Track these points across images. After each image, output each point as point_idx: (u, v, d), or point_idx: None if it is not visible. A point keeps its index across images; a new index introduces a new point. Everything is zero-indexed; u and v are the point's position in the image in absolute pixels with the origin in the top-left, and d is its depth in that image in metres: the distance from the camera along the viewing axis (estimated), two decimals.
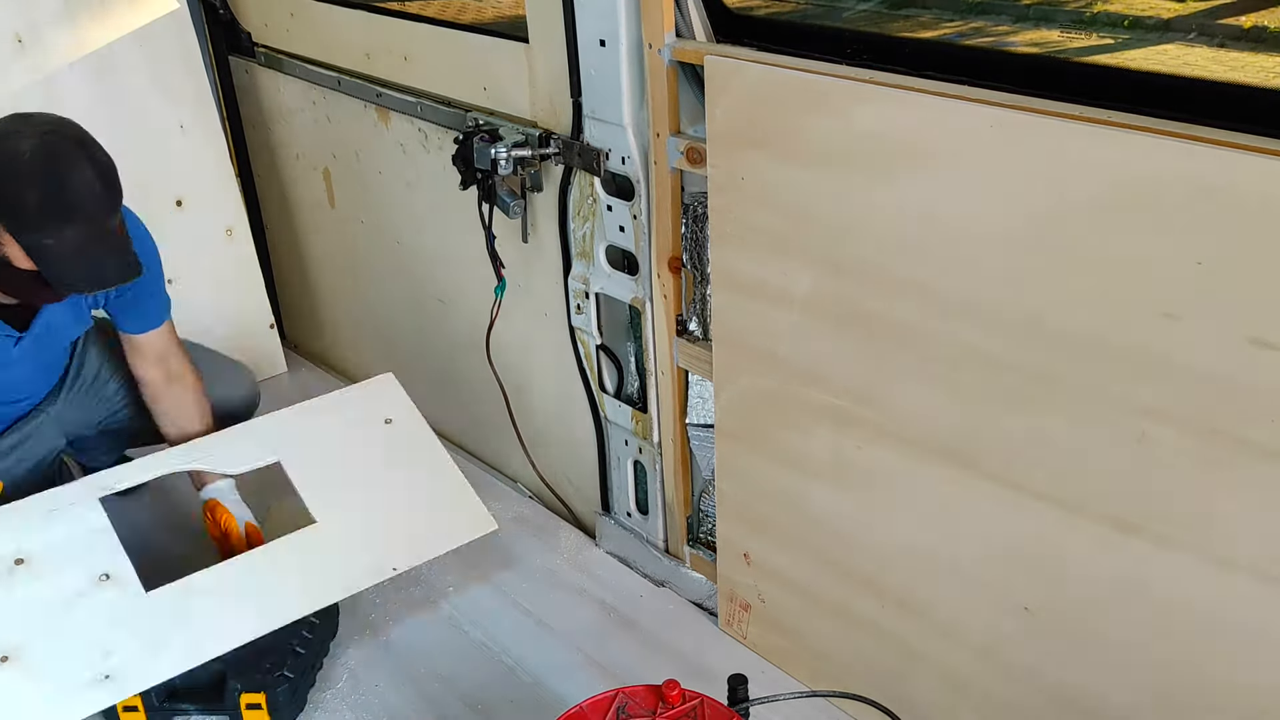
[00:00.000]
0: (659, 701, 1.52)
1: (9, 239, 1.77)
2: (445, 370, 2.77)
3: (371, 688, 2.04)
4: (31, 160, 1.72)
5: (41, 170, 1.73)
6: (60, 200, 1.74)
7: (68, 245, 1.76)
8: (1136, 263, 1.29)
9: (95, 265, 1.81)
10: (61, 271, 1.79)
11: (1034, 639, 1.59)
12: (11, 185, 1.73)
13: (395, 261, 2.78)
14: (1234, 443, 1.27)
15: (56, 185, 1.73)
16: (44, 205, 1.73)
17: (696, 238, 1.91)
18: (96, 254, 1.80)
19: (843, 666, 1.93)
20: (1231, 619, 1.35)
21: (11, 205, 1.73)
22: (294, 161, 3.00)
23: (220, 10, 2.93)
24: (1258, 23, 4.15)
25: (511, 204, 2.16)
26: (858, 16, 4.66)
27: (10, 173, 1.72)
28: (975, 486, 1.57)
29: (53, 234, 1.75)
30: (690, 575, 2.23)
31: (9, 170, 1.72)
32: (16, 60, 2.50)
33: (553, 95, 2.05)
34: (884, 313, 1.59)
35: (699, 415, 2.08)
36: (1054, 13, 4.69)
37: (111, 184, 1.82)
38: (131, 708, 1.91)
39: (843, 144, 1.54)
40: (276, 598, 1.95)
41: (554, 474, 2.54)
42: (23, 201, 1.73)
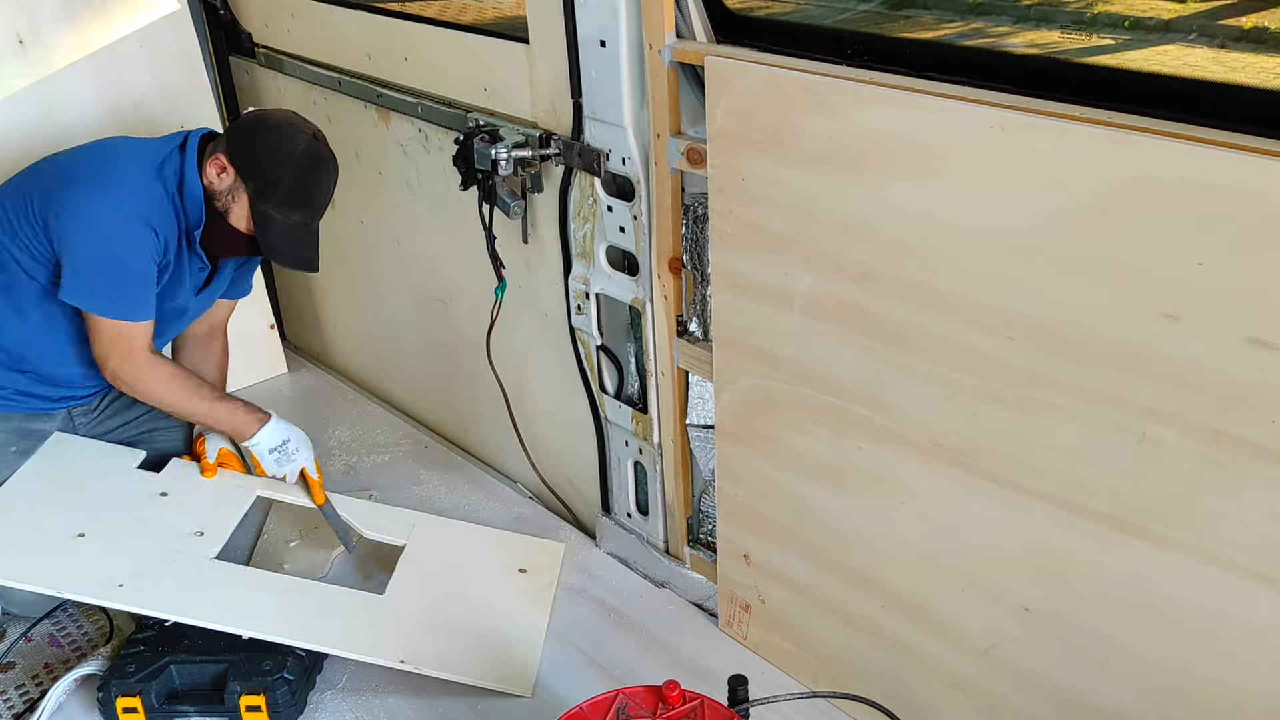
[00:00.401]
0: (659, 702, 1.52)
1: (244, 200, 2.11)
2: (445, 370, 2.77)
3: (371, 688, 2.04)
4: (301, 154, 2.12)
5: (304, 164, 2.12)
6: (304, 191, 2.13)
7: (289, 226, 2.13)
8: (1137, 263, 1.29)
9: (298, 247, 2.17)
10: (275, 242, 2.15)
11: (1034, 639, 1.59)
12: (277, 166, 2.10)
13: (396, 262, 2.78)
14: (1235, 443, 1.27)
15: (308, 179, 2.13)
16: (293, 190, 2.11)
17: (697, 238, 1.91)
18: (302, 239, 2.17)
19: (843, 667, 1.93)
20: (1232, 620, 1.35)
21: (270, 180, 2.10)
22: None
23: (221, 11, 2.93)
24: (1259, 24, 4.14)
25: (512, 204, 2.16)
26: (858, 17, 4.66)
27: (282, 156, 2.10)
28: (976, 487, 1.57)
29: (285, 213, 2.11)
30: (690, 576, 2.22)
31: (282, 155, 2.11)
32: (18, 60, 2.50)
33: (553, 96, 2.05)
34: (885, 313, 1.59)
35: (699, 416, 2.08)
36: (1054, 13, 4.68)
37: (333, 193, 2.20)
38: (131, 709, 1.91)
39: (843, 145, 1.54)
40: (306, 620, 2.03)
41: (554, 475, 2.54)
42: (279, 180, 2.10)
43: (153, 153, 2.16)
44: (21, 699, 2.07)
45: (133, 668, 1.94)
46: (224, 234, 2.16)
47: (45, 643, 2.20)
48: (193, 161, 2.14)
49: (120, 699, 1.91)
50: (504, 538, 2.38)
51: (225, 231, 2.16)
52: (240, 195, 2.11)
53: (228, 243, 2.19)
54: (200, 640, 1.97)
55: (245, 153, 2.11)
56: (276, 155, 2.10)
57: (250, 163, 2.10)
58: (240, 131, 2.15)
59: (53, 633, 2.22)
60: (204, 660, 1.95)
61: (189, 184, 2.13)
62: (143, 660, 1.95)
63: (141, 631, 2.01)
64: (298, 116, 2.21)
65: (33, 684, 2.10)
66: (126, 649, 1.99)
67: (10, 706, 2.06)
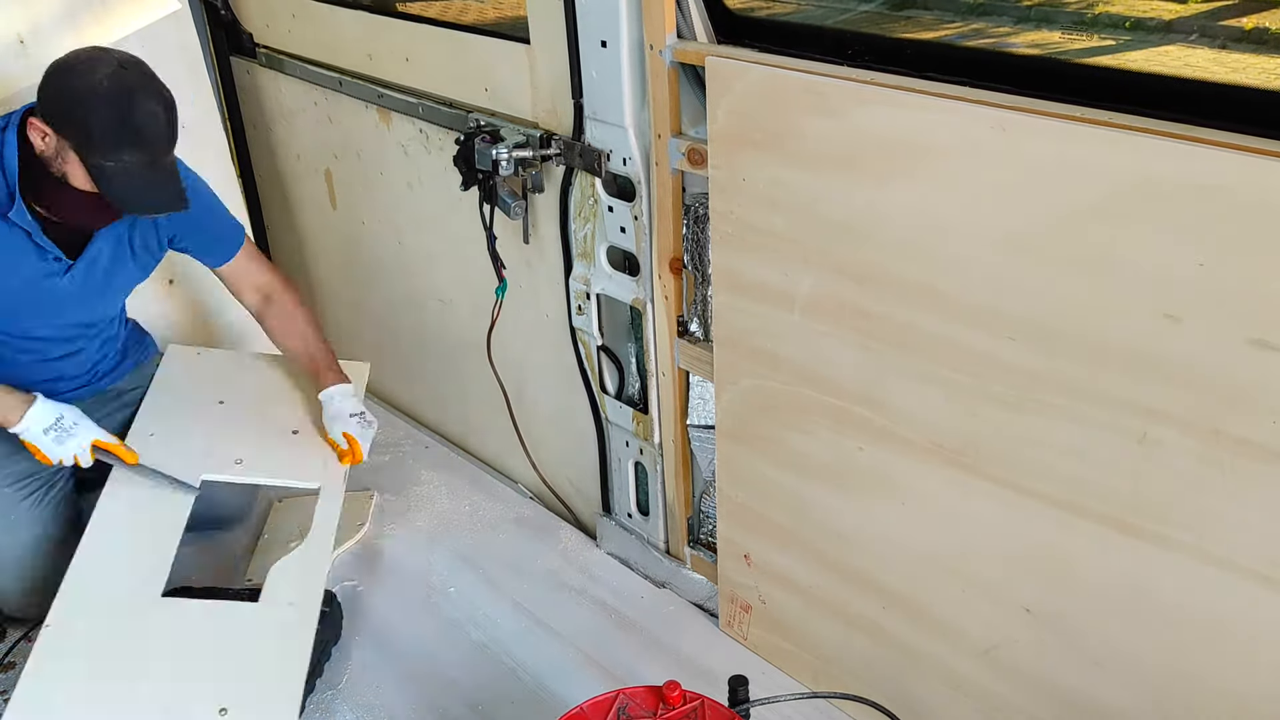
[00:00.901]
0: (660, 702, 1.52)
1: (73, 157, 1.89)
2: (446, 371, 2.77)
3: (373, 688, 2.04)
4: (107, 88, 1.85)
5: (115, 98, 1.86)
6: (127, 127, 1.87)
7: (127, 169, 1.89)
8: (1138, 264, 1.29)
9: (150, 190, 1.94)
10: (119, 192, 1.91)
11: (1035, 640, 1.59)
12: (86, 109, 1.86)
13: (396, 262, 2.78)
14: (1235, 444, 1.27)
15: (126, 113, 1.87)
16: (112, 130, 1.86)
17: (698, 239, 1.91)
18: (153, 180, 1.93)
19: (843, 668, 1.93)
20: (1232, 620, 1.35)
21: (83, 127, 1.86)
22: (295, 162, 3.00)
23: (222, 11, 2.93)
24: (1259, 24, 4.14)
25: (513, 205, 2.16)
26: (859, 17, 4.66)
27: (86, 97, 1.85)
28: (976, 488, 1.57)
29: (115, 157, 1.88)
30: (691, 576, 2.22)
31: (85, 95, 1.86)
32: (19, 60, 2.50)
33: (554, 96, 2.05)
34: (885, 314, 1.59)
35: (700, 416, 2.08)
36: (1055, 14, 4.68)
37: (172, 120, 1.95)
38: None
39: (844, 145, 1.54)
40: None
41: (555, 475, 2.54)
42: (94, 124, 1.86)
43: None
44: None
45: None
46: (72, 199, 1.95)
47: None
48: (12, 136, 1.95)
49: None
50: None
51: (72, 196, 1.94)
52: (68, 153, 1.89)
53: (82, 208, 1.98)
54: None
55: (52, 105, 1.89)
56: (81, 97, 1.86)
57: (60, 114, 1.88)
58: (45, 84, 1.91)
59: None
60: None
61: (5, 154, 1.94)
62: None
63: None
64: (100, 49, 1.97)
65: None
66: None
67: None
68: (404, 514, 2.55)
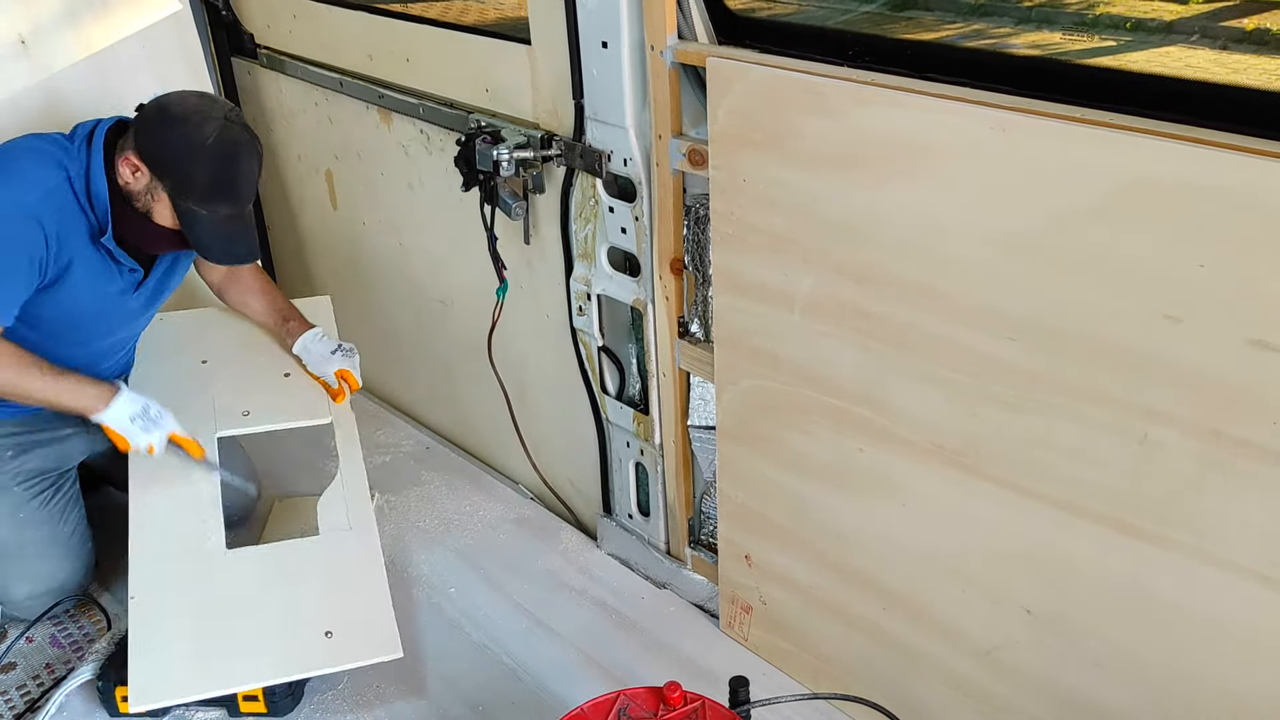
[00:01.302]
0: (660, 703, 1.52)
1: (164, 198, 1.98)
2: (447, 371, 2.78)
3: (373, 688, 2.04)
4: (214, 144, 1.95)
5: (220, 154, 1.96)
6: (225, 183, 1.98)
7: (216, 220, 1.99)
8: (1139, 265, 1.29)
9: (231, 242, 2.04)
10: (203, 239, 2.01)
11: (1035, 641, 1.59)
12: (189, 161, 1.95)
13: (397, 263, 2.78)
14: (1236, 445, 1.27)
15: (227, 170, 1.97)
16: (212, 184, 1.96)
17: (698, 239, 1.91)
18: (234, 232, 2.03)
19: (844, 669, 1.93)
20: (1232, 621, 1.35)
21: (184, 177, 1.95)
22: (296, 162, 3.01)
23: (223, 11, 2.93)
24: (1260, 25, 4.14)
25: (513, 205, 2.16)
26: (860, 18, 4.66)
27: (193, 150, 1.94)
28: (977, 488, 1.57)
29: (208, 207, 1.97)
30: (692, 577, 2.22)
31: (192, 148, 1.94)
32: (20, 61, 2.50)
33: (555, 97, 2.05)
34: (886, 315, 1.59)
35: (700, 417, 2.08)
36: (1056, 15, 4.68)
37: (259, 176, 2.06)
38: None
39: (845, 146, 1.54)
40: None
41: (555, 475, 2.54)
42: (195, 176, 1.95)
43: (58, 147, 2.02)
44: (22, 699, 2.07)
45: None
46: (152, 232, 2.03)
47: (46, 643, 2.20)
48: (99, 159, 2.00)
49: (120, 687, 1.93)
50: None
51: (153, 230, 2.03)
52: (160, 194, 1.97)
53: (159, 241, 2.06)
54: None
55: (155, 149, 1.96)
56: (188, 149, 1.94)
57: (162, 160, 1.95)
58: (146, 126, 1.98)
59: (54, 633, 2.22)
60: None
61: (95, 184, 1.99)
62: None
63: None
64: (206, 98, 2.06)
65: (34, 684, 2.11)
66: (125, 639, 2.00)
67: (11, 707, 2.06)
68: (404, 514, 2.55)
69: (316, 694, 2.03)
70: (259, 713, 1.97)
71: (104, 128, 2.04)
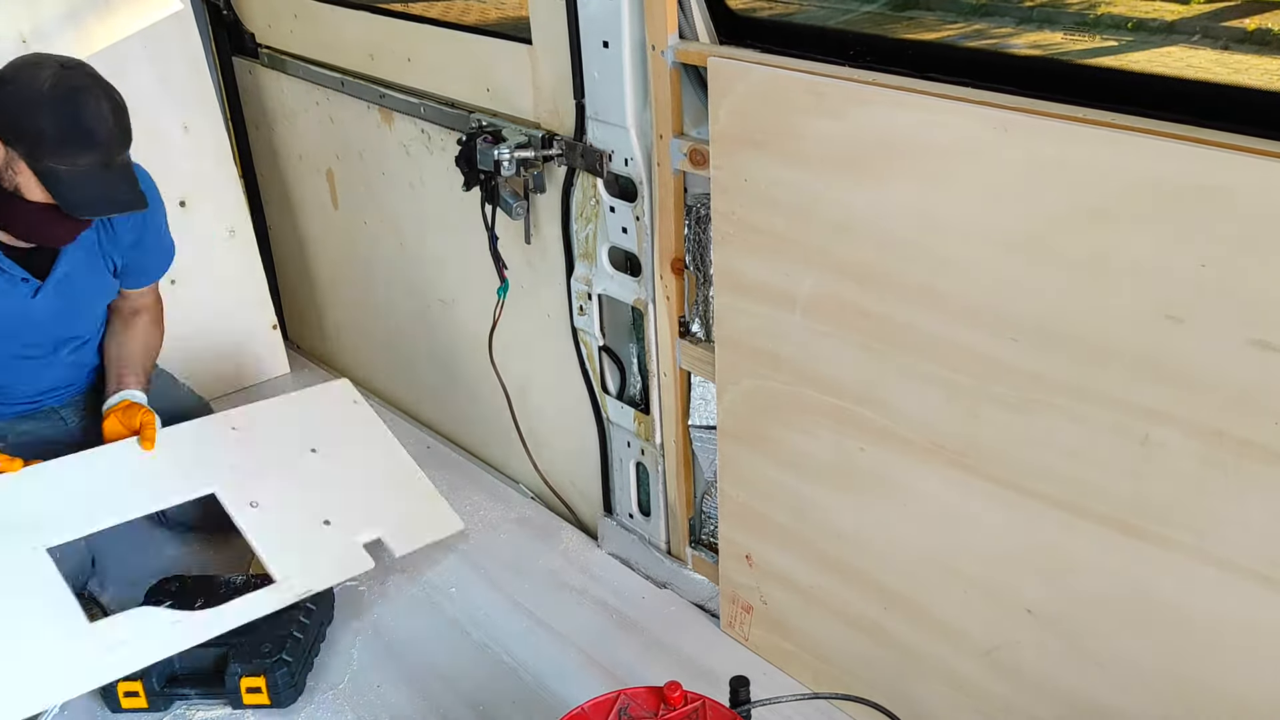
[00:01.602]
0: (661, 703, 1.52)
1: (23, 167, 1.85)
2: (448, 371, 2.78)
3: (374, 688, 2.04)
4: (51, 91, 1.82)
5: (60, 99, 1.83)
6: (76, 128, 1.84)
7: (80, 171, 1.86)
8: (1140, 265, 1.29)
9: (106, 190, 1.90)
10: (74, 196, 1.87)
11: (1036, 641, 1.59)
12: (31, 114, 1.82)
13: (398, 262, 2.78)
14: (1238, 445, 1.27)
15: (73, 114, 1.84)
16: (61, 133, 1.83)
17: (699, 239, 1.91)
18: (107, 180, 1.89)
19: (845, 669, 1.93)
20: (1234, 622, 1.35)
21: (30, 133, 1.83)
22: (297, 162, 3.01)
23: (224, 11, 2.93)
24: (1261, 25, 4.14)
25: (514, 205, 2.16)
26: (861, 18, 4.66)
27: (31, 102, 1.82)
28: (978, 488, 1.57)
29: (67, 160, 1.84)
30: (692, 577, 2.22)
31: (30, 100, 1.82)
32: None
33: (556, 97, 2.05)
34: (887, 315, 1.59)
35: (701, 417, 2.08)
36: (1058, 15, 4.68)
37: (122, 119, 1.92)
38: (133, 693, 1.95)
39: (846, 145, 1.54)
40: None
41: (556, 475, 2.54)
42: (41, 129, 1.82)
43: None
44: None
45: None
46: (31, 215, 1.90)
47: None
48: None
49: (122, 682, 1.94)
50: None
51: (30, 211, 1.89)
52: (18, 164, 1.85)
53: (42, 224, 1.93)
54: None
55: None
56: (25, 103, 1.82)
57: (6, 126, 1.83)
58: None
59: None
60: (203, 644, 1.97)
61: None
62: None
63: None
64: (39, 54, 1.94)
65: None
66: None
67: None
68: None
69: (317, 693, 2.03)
70: (262, 704, 1.98)
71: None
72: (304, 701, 2.01)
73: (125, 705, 1.96)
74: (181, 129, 2.79)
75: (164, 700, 1.97)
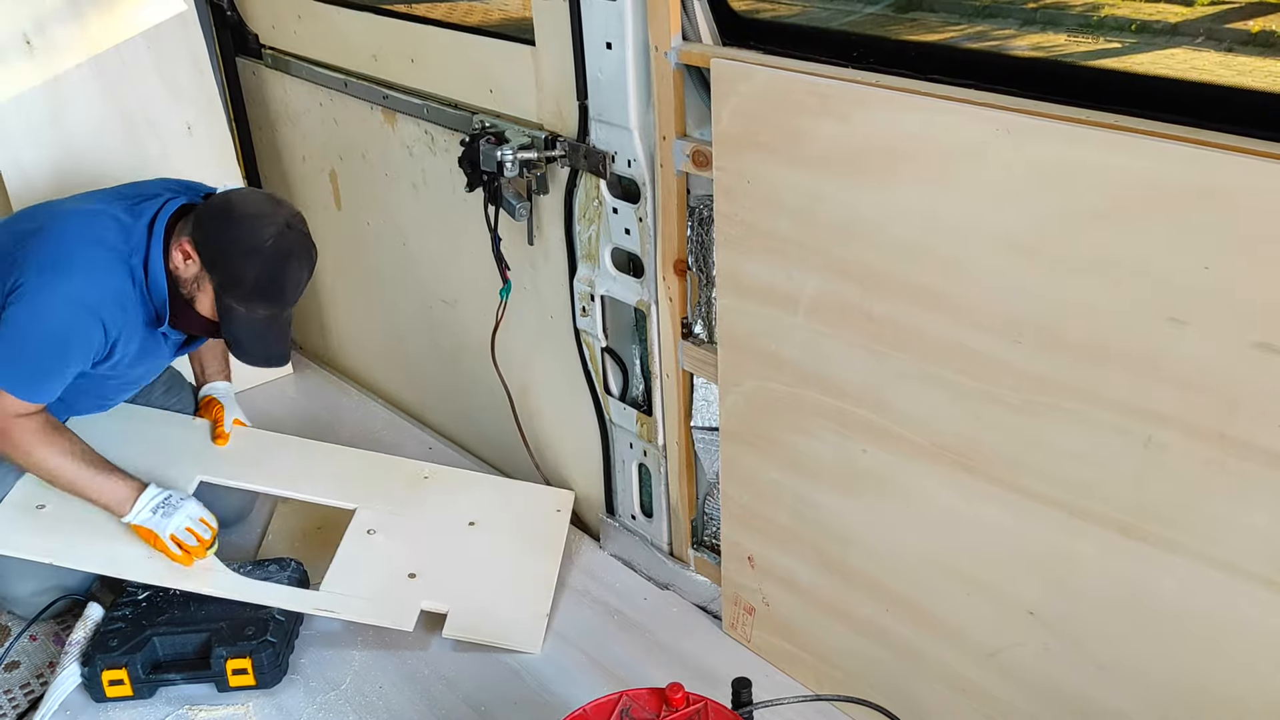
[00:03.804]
0: (663, 704, 1.52)
1: (209, 290, 2.01)
2: (450, 371, 2.78)
3: (375, 688, 2.04)
4: (270, 249, 1.97)
5: (272, 258, 1.98)
6: (271, 286, 2.00)
7: (254, 320, 2.02)
8: (1143, 267, 1.29)
9: (266, 344, 2.08)
10: (239, 336, 2.04)
11: (1038, 644, 1.59)
12: (241, 260, 1.97)
13: (401, 263, 2.79)
14: (1241, 448, 1.27)
15: (277, 275, 1.99)
16: (257, 285, 1.98)
17: (702, 240, 1.91)
18: (270, 335, 2.07)
19: (847, 670, 1.92)
20: (1237, 624, 1.35)
21: (232, 274, 1.98)
22: (300, 163, 3.01)
23: (228, 12, 2.94)
24: (1266, 28, 4.14)
25: (517, 206, 2.16)
26: (864, 20, 4.65)
27: (246, 251, 1.97)
28: (981, 490, 1.57)
29: (249, 307, 2.00)
30: (694, 578, 2.22)
31: (246, 249, 1.97)
32: (25, 61, 2.51)
33: (559, 98, 2.05)
34: (890, 316, 1.59)
35: (704, 418, 2.08)
36: (1061, 16, 4.68)
37: (307, 283, 2.08)
38: (118, 681, 1.98)
39: (848, 147, 1.54)
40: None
41: (558, 476, 2.54)
42: (244, 276, 1.97)
43: (120, 232, 2.02)
44: (26, 697, 2.08)
45: (115, 641, 2.00)
46: (191, 319, 2.08)
47: (49, 641, 2.21)
48: (158, 248, 2.02)
49: (106, 671, 1.97)
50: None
51: (192, 317, 2.07)
52: (205, 285, 2.01)
53: (195, 326, 2.10)
54: (179, 612, 2.05)
55: (211, 243, 1.99)
56: (243, 250, 1.97)
57: (215, 255, 1.98)
58: (208, 219, 2.02)
59: (57, 631, 2.22)
60: (185, 630, 2.02)
61: (154, 274, 2.02)
62: (124, 634, 2.01)
63: (117, 609, 2.07)
64: (272, 200, 2.09)
65: (37, 682, 2.11)
66: (105, 625, 2.05)
67: (15, 705, 2.06)
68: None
69: (319, 694, 2.03)
70: (248, 685, 2.01)
71: (167, 213, 2.05)
72: (305, 702, 2.01)
73: (110, 694, 1.99)
74: (185, 130, 2.79)
75: (148, 687, 2.01)
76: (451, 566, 2.21)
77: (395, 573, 2.16)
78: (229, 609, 2.05)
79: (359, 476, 2.39)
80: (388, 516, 2.29)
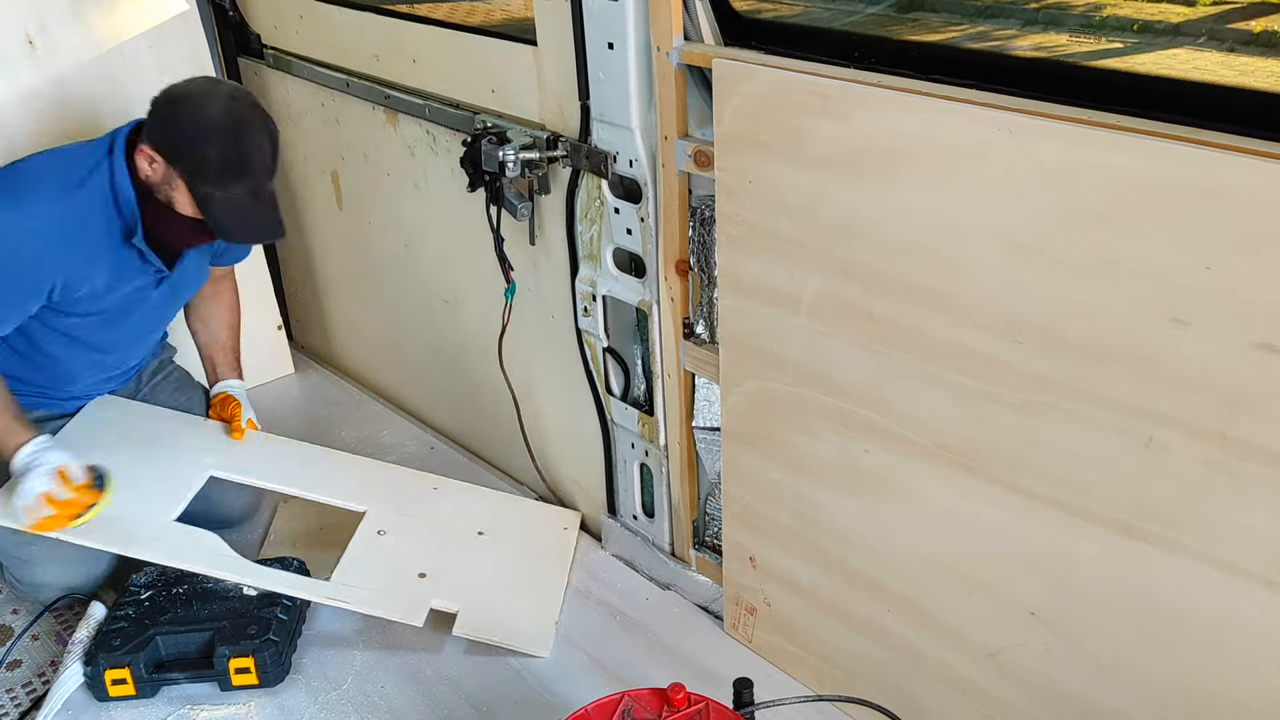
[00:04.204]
0: (664, 705, 1.52)
1: (181, 186, 1.99)
2: (451, 372, 2.78)
3: (376, 688, 2.04)
4: (221, 121, 1.96)
5: (227, 131, 1.96)
6: (237, 159, 1.97)
7: (233, 200, 1.99)
8: (1145, 267, 1.29)
9: (254, 220, 2.05)
10: (224, 221, 2.01)
11: (1039, 644, 1.59)
12: (199, 142, 1.96)
13: (403, 263, 2.79)
14: (1242, 448, 1.27)
15: (236, 146, 1.97)
16: (223, 162, 1.96)
17: (704, 241, 1.91)
18: (255, 209, 2.03)
19: (848, 671, 1.92)
20: (1238, 625, 1.35)
21: (195, 159, 1.96)
22: (302, 163, 3.01)
23: (230, 12, 2.94)
24: (1268, 28, 4.13)
25: (519, 206, 2.16)
26: (866, 20, 4.65)
27: (200, 130, 1.96)
28: (982, 491, 1.57)
29: (223, 188, 1.98)
30: (696, 578, 2.22)
31: (199, 128, 1.96)
32: (27, 60, 2.51)
33: (561, 98, 2.05)
34: (891, 317, 1.59)
35: (705, 418, 2.08)
36: (1062, 16, 4.67)
37: (275, 150, 2.06)
38: (120, 680, 1.98)
39: (850, 147, 1.54)
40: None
41: (560, 476, 2.54)
42: (205, 156, 1.96)
43: (78, 158, 2.06)
44: (28, 696, 2.08)
45: (118, 640, 2.00)
46: (176, 224, 2.05)
47: (51, 640, 2.21)
48: (120, 161, 2.04)
49: (109, 671, 1.97)
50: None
51: (177, 222, 2.05)
52: (177, 182, 1.99)
53: (184, 233, 2.09)
54: (181, 611, 2.05)
55: (165, 136, 1.99)
56: (196, 133, 1.96)
57: (173, 148, 1.98)
58: (156, 115, 2.02)
59: (59, 631, 2.23)
60: (188, 629, 2.02)
61: (119, 187, 2.03)
62: (127, 633, 2.01)
63: (120, 608, 2.07)
64: (210, 80, 2.10)
65: (39, 681, 2.11)
66: (108, 624, 2.05)
67: (18, 704, 2.07)
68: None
69: (321, 694, 2.03)
70: (251, 684, 2.01)
71: (125, 130, 2.07)
72: (308, 701, 2.01)
73: (113, 694, 1.99)
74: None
75: (151, 686, 2.01)
76: (461, 569, 2.21)
77: (405, 571, 2.16)
78: (232, 608, 2.05)
79: (369, 481, 2.39)
80: (398, 519, 2.29)
